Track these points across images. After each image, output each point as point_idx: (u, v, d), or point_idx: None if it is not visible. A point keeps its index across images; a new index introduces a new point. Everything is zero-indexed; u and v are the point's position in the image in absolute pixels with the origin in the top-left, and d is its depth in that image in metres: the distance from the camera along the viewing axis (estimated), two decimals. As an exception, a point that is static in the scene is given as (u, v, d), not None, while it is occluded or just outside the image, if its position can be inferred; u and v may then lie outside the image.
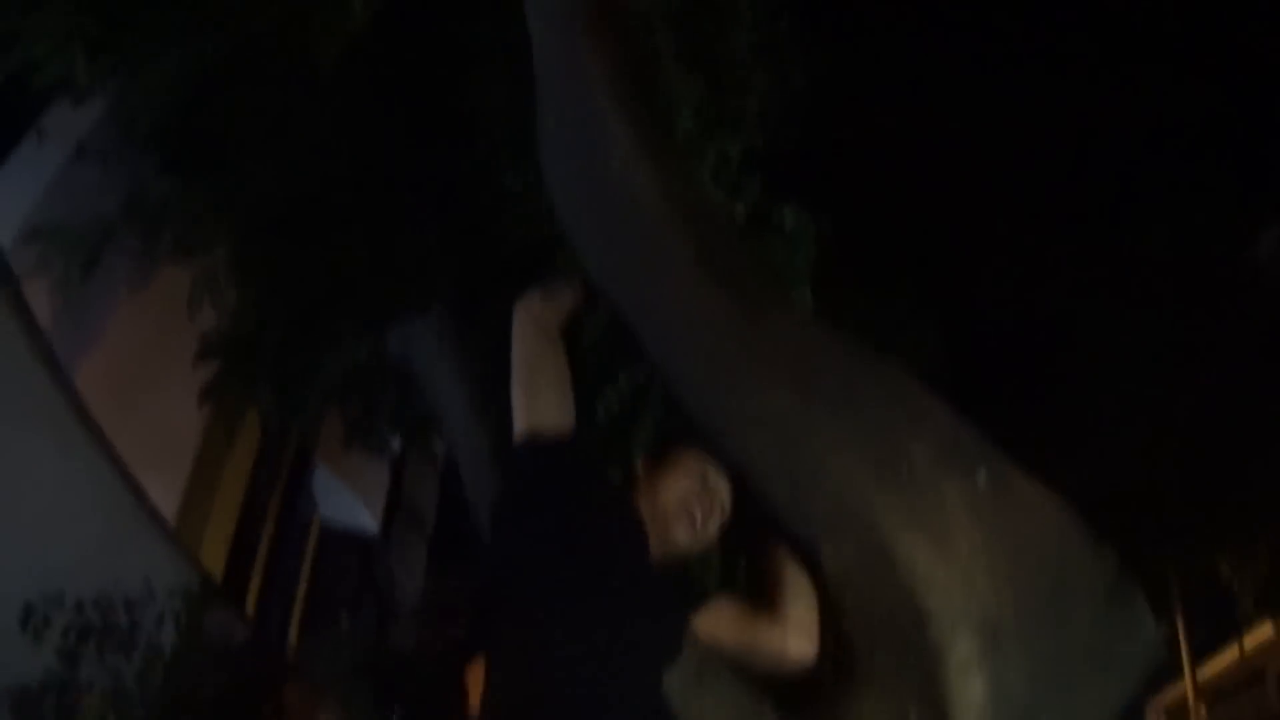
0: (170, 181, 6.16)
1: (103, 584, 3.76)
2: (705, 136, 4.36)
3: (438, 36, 5.51)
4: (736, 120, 4.55)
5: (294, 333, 6.46)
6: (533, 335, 2.70)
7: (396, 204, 6.12)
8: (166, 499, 9.12)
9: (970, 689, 2.29)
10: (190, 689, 3.78)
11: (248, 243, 6.38)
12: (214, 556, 9.96)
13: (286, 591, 13.11)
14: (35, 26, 5.07)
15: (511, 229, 4.87)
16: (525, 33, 3.12)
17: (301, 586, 13.58)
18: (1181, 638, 24.34)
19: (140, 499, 4.51)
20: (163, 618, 3.88)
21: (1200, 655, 25.43)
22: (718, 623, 2.64)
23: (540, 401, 2.59)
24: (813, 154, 5.32)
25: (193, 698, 3.81)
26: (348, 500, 13.49)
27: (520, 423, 2.58)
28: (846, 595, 2.45)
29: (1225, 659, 26.13)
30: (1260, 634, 22.47)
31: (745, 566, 3.30)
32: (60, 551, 3.78)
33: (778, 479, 2.53)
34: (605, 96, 2.72)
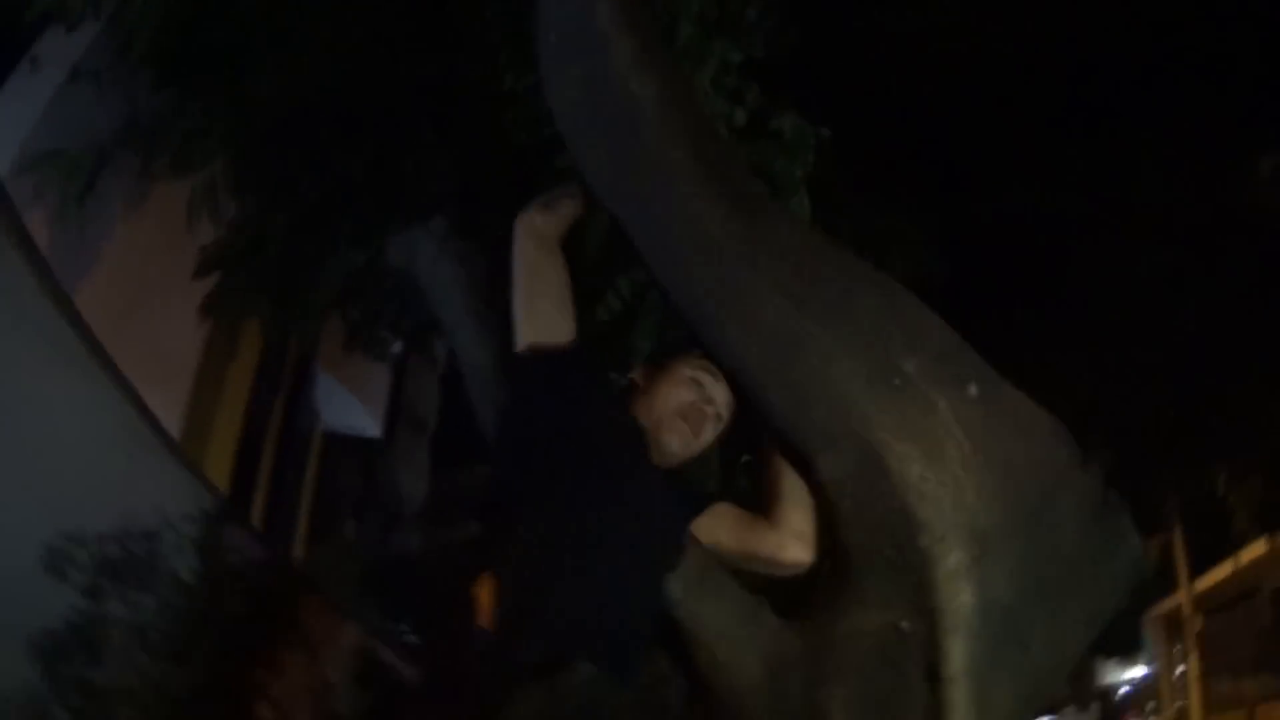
0: (167, 98, 6.12)
1: (119, 516, 3.75)
2: (706, 44, 4.33)
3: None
4: (736, 27, 4.51)
5: (294, 242, 6.45)
6: (534, 248, 2.72)
7: (394, 109, 6.09)
8: (169, 414, 9.14)
9: (958, 598, 2.34)
10: (211, 613, 3.82)
11: (246, 155, 6.36)
12: (218, 469, 9.99)
13: (291, 501, 13.21)
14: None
15: (512, 132, 4.83)
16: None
17: (306, 495, 13.68)
18: (1179, 551, 24.64)
19: (153, 425, 4.47)
20: (180, 545, 3.89)
21: (1197, 569, 25.73)
22: (718, 527, 2.69)
23: (542, 313, 2.63)
24: (812, 61, 5.28)
25: (214, 622, 3.85)
26: (350, 406, 13.58)
27: (523, 334, 2.62)
28: (842, 504, 2.49)
29: (1221, 572, 26.44)
30: (1255, 549, 22.71)
31: (744, 472, 3.35)
32: (77, 486, 3.76)
33: (776, 388, 2.56)
34: (605, 7, 2.69)
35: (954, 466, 2.37)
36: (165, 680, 3.67)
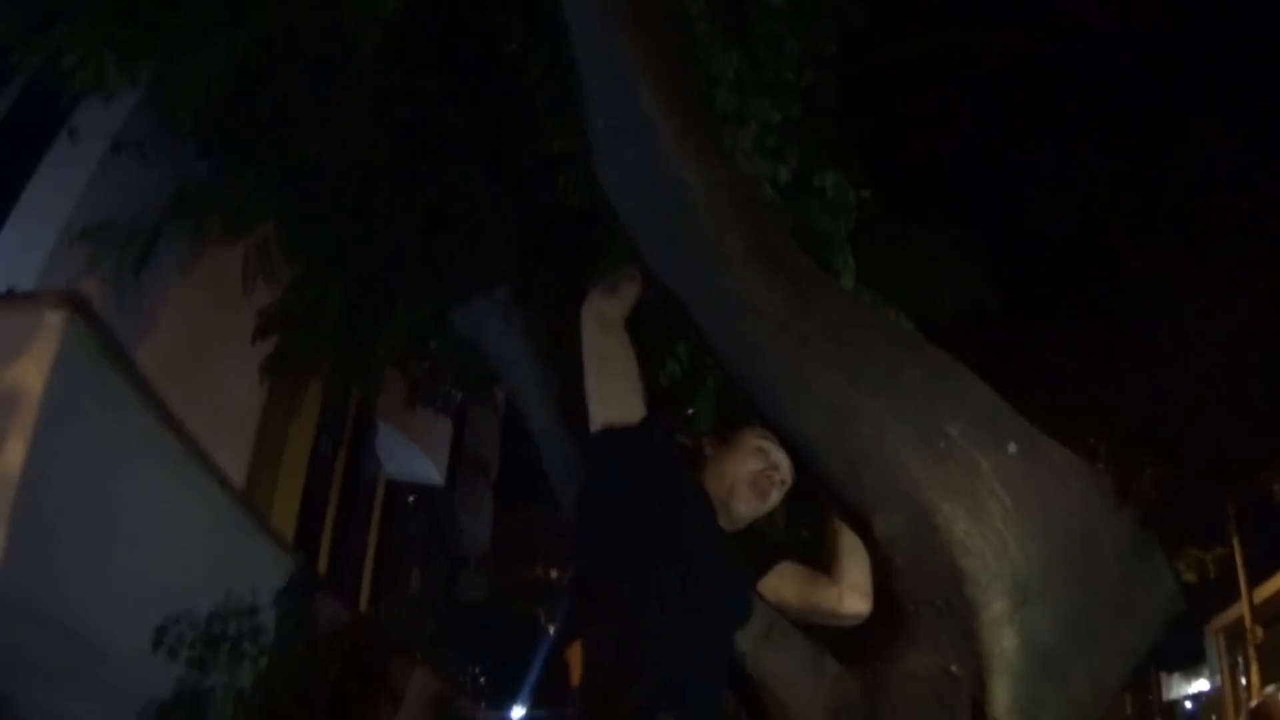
0: (214, 167, 6.31)
1: (221, 594, 4.02)
2: (746, 106, 4.52)
3: (475, 8, 5.60)
4: (775, 89, 4.69)
5: (352, 303, 6.64)
6: (601, 332, 2.92)
7: (444, 171, 6.28)
8: (234, 472, 9.43)
9: (1003, 642, 2.55)
10: (304, 676, 4.09)
11: (299, 217, 6.55)
12: (284, 522, 10.22)
13: (357, 550, 13.45)
14: (63, 39, 5.15)
15: (567, 195, 4.99)
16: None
17: (371, 544, 13.94)
18: (1239, 560, 24.33)
19: (246, 507, 4.67)
20: (276, 617, 4.16)
21: (1256, 580, 25.37)
22: (783, 585, 2.92)
23: (614, 395, 2.82)
24: (853, 103, 5.46)
25: (308, 683, 4.11)
26: (412, 454, 13.75)
27: (597, 415, 2.82)
28: (895, 559, 2.71)
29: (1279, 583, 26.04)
30: (1314, 558, 22.47)
31: (805, 532, 3.56)
32: (182, 572, 4.01)
33: (832, 456, 2.78)
34: (648, 94, 2.87)
35: (996, 521, 2.59)
36: None
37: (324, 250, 6.59)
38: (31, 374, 3.49)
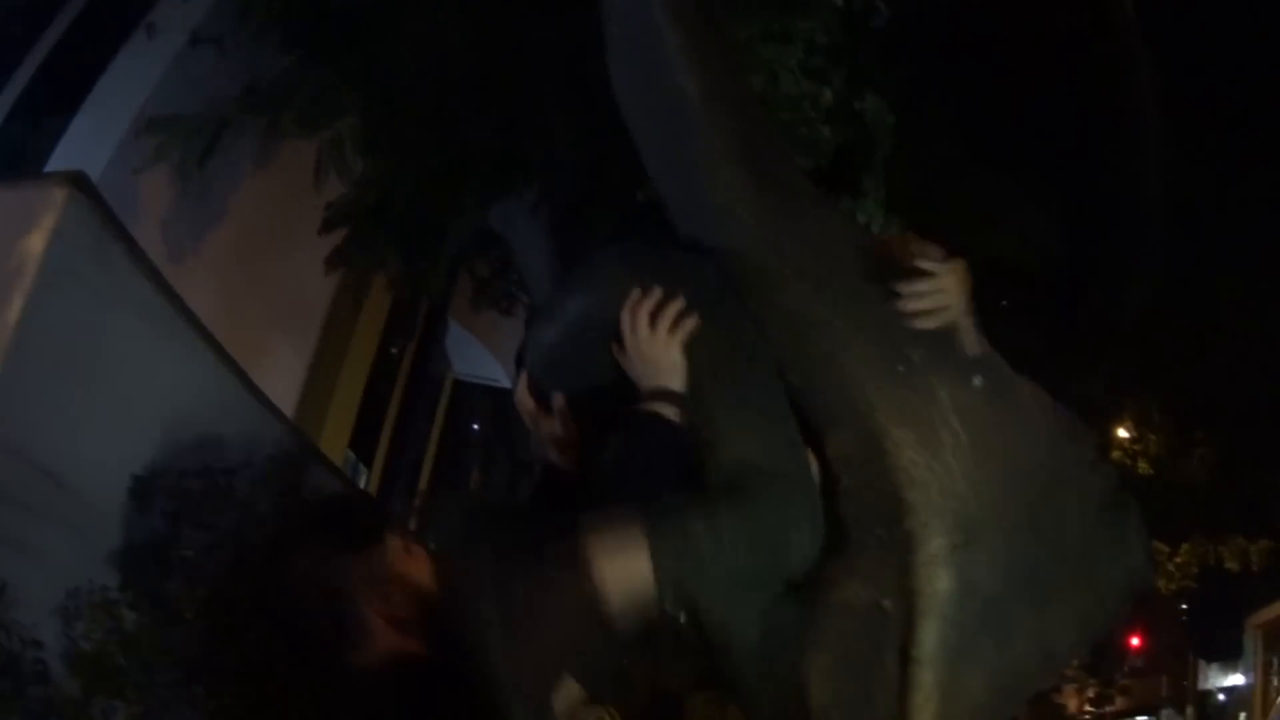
0: (290, 62, 6.35)
1: (206, 456, 4.17)
2: (792, 25, 4.45)
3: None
4: (822, 9, 4.63)
5: (420, 200, 6.71)
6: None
7: (517, 74, 6.29)
8: (297, 360, 9.59)
9: (938, 582, 2.44)
10: (278, 541, 4.13)
11: (374, 113, 6.60)
12: (342, 417, 10.43)
13: (417, 449, 13.59)
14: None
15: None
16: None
17: (433, 443, 14.08)
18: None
19: (241, 377, 4.98)
20: (259, 481, 4.23)
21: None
22: None
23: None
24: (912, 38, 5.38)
25: (280, 548, 4.14)
26: (482, 356, 13.72)
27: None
28: (843, 479, 2.60)
29: (1324, 581, 25.47)
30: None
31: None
32: (168, 431, 4.21)
33: (792, 368, 2.68)
34: (659, 4, 2.80)
35: (946, 454, 2.47)
36: (227, 596, 3.98)
37: (396, 146, 6.64)
38: (34, 242, 3.81)
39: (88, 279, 4.03)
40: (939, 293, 2.53)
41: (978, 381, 2.54)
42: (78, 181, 3.98)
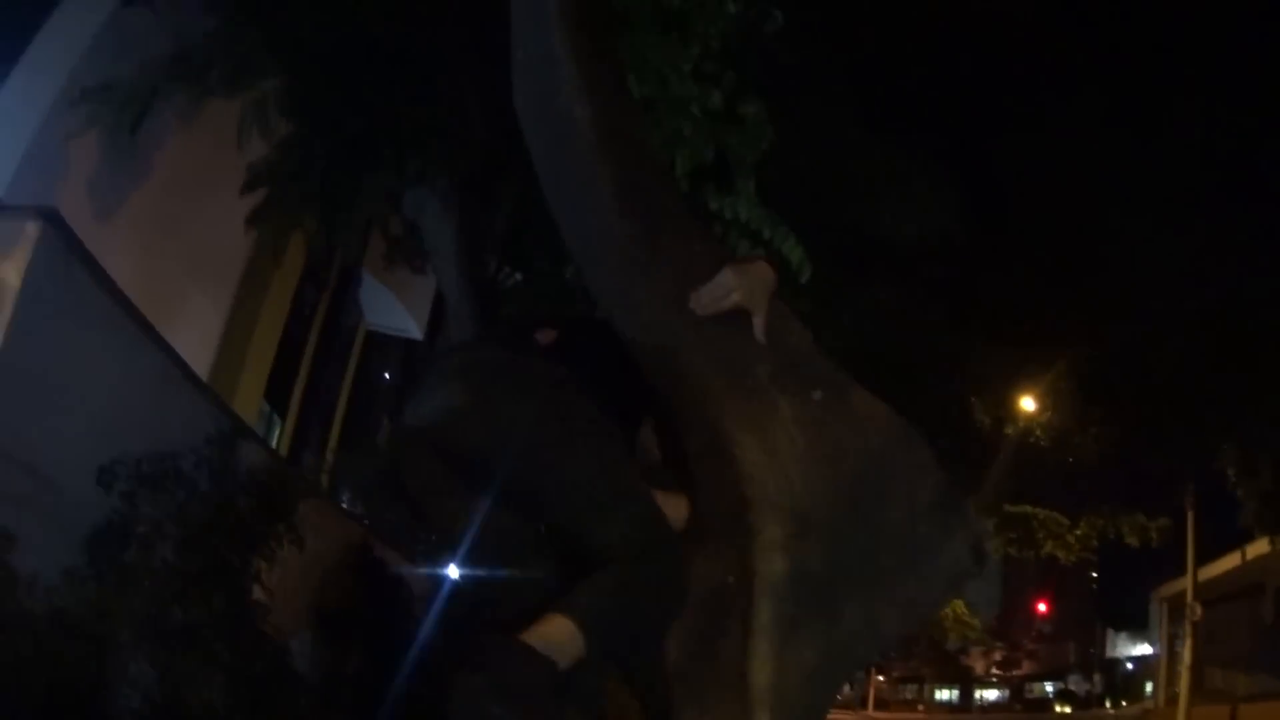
0: (219, 23, 6.53)
1: (155, 441, 4.64)
2: (693, 24, 4.73)
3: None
4: (720, 14, 4.90)
5: (339, 161, 6.96)
6: None
7: (436, 45, 6.54)
8: (215, 315, 9.81)
9: (773, 565, 2.82)
10: (218, 511, 4.57)
11: (296, 78, 6.81)
12: (258, 368, 10.71)
13: (330, 398, 13.84)
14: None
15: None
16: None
17: (345, 392, 14.39)
18: (1190, 535, 24.68)
19: (185, 371, 5.51)
20: (200, 461, 4.66)
21: (1204, 558, 25.68)
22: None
23: None
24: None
25: (220, 518, 4.58)
26: (394, 308, 14.14)
27: None
28: (698, 474, 2.99)
29: (1227, 563, 26.36)
30: (1260, 546, 22.74)
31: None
32: (124, 423, 4.71)
33: (659, 378, 3.06)
34: (560, 30, 3.13)
35: (784, 459, 2.86)
36: (177, 561, 4.39)
37: (317, 110, 6.87)
38: (9, 273, 4.37)
39: (59, 301, 4.57)
40: (720, 287, 2.88)
41: (817, 395, 2.93)
42: (48, 215, 4.49)
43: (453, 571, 2.97)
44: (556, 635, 2.53)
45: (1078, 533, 22.04)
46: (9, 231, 4.51)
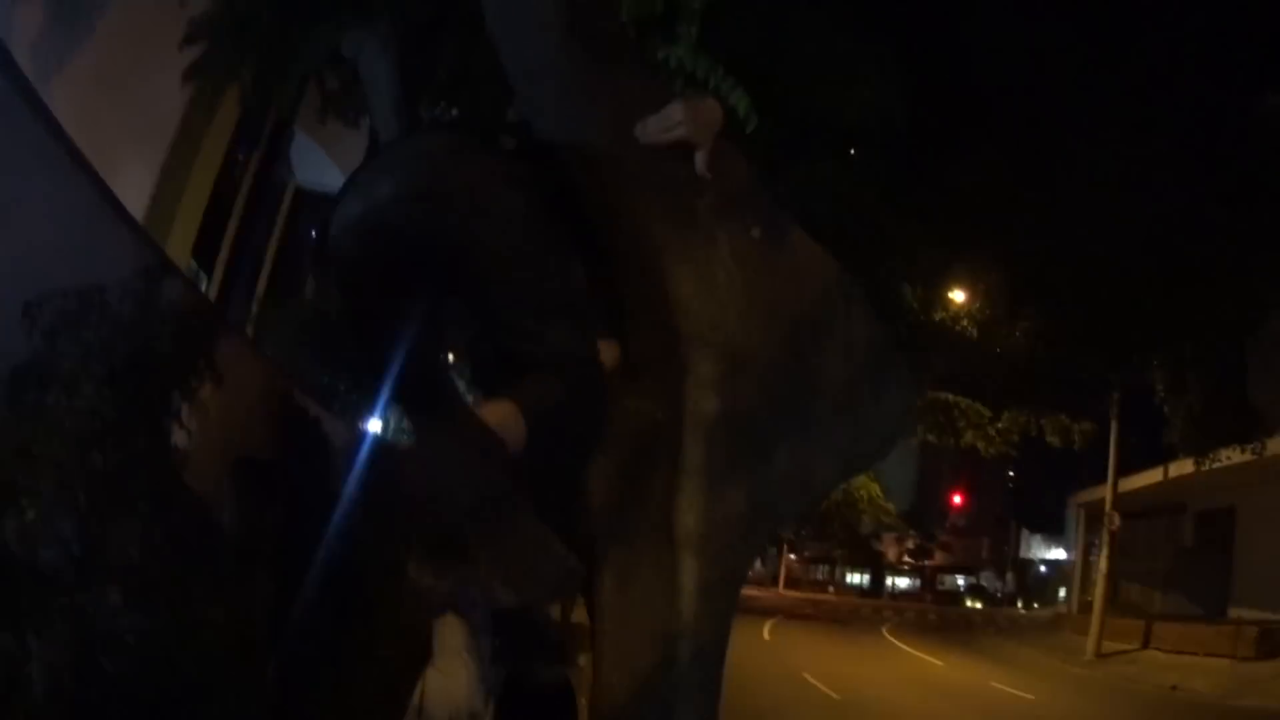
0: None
1: (82, 276, 4.50)
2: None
3: None
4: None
5: (278, 17, 6.83)
6: None
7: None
8: (147, 172, 9.62)
9: (705, 403, 2.76)
10: (139, 349, 4.45)
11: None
12: (188, 223, 10.54)
13: (257, 255, 13.73)
14: None
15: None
16: None
17: (271, 250, 14.33)
18: (1112, 444, 25.03)
19: (113, 203, 5.36)
20: (124, 296, 4.52)
21: (1126, 468, 26.09)
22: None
23: None
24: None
25: (140, 355, 4.47)
26: (325, 165, 13.90)
27: None
28: (627, 308, 2.90)
29: (1149, 478, 26.80)
30: (1183, 467, 23.11)
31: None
32: (50, 257, 4.57)
33: (597, 213, 2.92)
34: None
35: (720, 293, 2.78)
36: (99, 402, 4.28)
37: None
38: None
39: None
40: (667, 118, 2.75)
41: (756, 232, 2.84)
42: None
43: (374, 425, 2.88)
44: (499, 415, 2.55)
45: (999, 425, 22.42)
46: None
